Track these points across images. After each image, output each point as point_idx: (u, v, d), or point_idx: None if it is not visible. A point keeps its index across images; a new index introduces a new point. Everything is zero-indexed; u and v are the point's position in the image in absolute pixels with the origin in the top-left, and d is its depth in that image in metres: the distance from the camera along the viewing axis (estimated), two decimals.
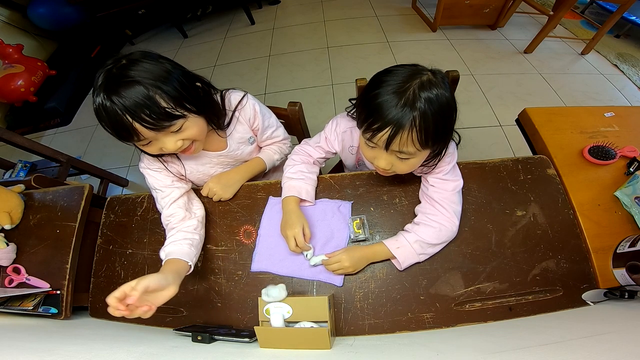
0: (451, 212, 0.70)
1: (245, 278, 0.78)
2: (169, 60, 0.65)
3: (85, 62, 2.83)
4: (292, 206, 0.78)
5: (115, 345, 0.64)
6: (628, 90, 2.09)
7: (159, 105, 0.60)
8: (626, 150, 0.82)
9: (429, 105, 0.55)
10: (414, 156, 0.62)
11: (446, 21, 2.53)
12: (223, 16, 3.18)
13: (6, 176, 1.70)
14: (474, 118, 1.98)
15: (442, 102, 0.56)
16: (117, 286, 0.52)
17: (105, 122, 0.60)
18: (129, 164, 2.10)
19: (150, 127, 0.61)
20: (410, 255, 0.70)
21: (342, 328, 0.71)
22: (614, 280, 0.69)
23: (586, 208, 0.76)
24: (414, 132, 0.56)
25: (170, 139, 0.66)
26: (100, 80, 0.58)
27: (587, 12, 2.74)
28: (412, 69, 0.59)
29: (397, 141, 0.58)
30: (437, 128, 0.57)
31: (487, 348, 0.56)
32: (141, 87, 0.58)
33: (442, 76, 0.59)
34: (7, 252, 0.84)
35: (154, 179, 0.78)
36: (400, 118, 0.55)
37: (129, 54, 0.61)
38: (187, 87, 0.66)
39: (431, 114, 0.55)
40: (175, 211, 0.77)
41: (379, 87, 0.58)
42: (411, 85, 0.56)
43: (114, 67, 0.58)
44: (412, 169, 0.68)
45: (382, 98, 0.57)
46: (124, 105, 0.57)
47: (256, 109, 0.85)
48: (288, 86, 2.37)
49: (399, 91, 0.56)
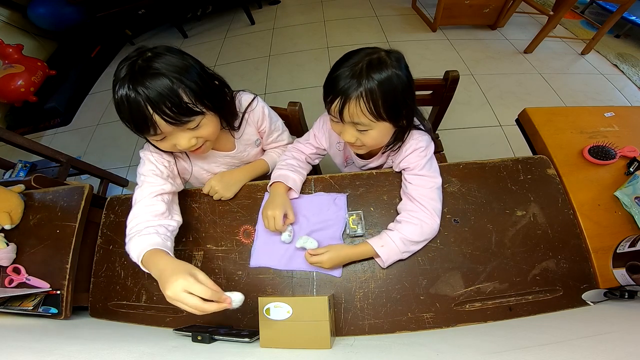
0: (430, 210, 0.71)
1: (245, 278, 0.78)
2: (191, 56, 0.66)
3: (85, 62, 2.83)
4: (279, 190, 0.80)
5: (115, 345, 0.64)
6: (628, 90, 2.09)
7: (182, 100, 0.60)
8: (626, 150, 0.82)
9: (376, 81, 0.60)
10: (372, 128, 0.66)
11: (446, 21, 2.53)
12: (223, 16, 3.18)
13: (6, 176, 1.70)
14: (474, 118, 1.98)
15: (391, 77, 0.61)
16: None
17: (125, 113, 0.59)
18: (129, 164, 2.10)
19: (169, 121, 0.60)
20: (394, 253, 0.70)
21: (342, 328, 0.71)
22: (614, 280, 0.69)
23: (586, 208, 0.76)
24: (361, 102, 0.61)
25: (185, 135, 0.66)
26: (125, 72, 0.58)
27: (587, 12, 2.74)
28: (371, 49, 0.65)
29: (347, 111, 0.63)
30: (386, 102, 0.62)
31: (487, 348, 0.56)
32: (166, 79, 0.58)
33: (396, 57, 0.64)
34: (7, 252, 0.84)
35: (153, 165, 0.75)
36: (347, 89, 0.61)
37: (153, 47, 0.61)
38: (207, 84, 0.66)
39: (377, 86, 0.60)
40: (156, 203, 0.71)
41: (340, 64, 0.65)
42: (362, 62, 0.62)
43: (139, 58, 0.58)
44: (376, 142, 0.71)
45: (337, 72, 0.63)
46: (147, 96, 0.57)
47: (265, 112, 0.86)
48: (288, 86, 2.37)
49: (351, 66, 0.62)
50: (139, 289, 0.81)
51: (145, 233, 0.64)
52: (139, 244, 0.62)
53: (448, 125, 1.90)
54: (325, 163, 1.40)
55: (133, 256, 0.63)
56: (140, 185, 0.73)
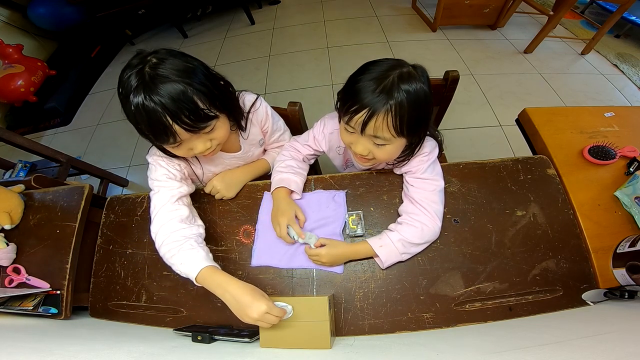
0: (432, 213, 0.71)
1: (246, 278, 0.78)
2: (193, 57, 0.64)
3: (85, 62, 2.83)
4: (282, 194, 0.79)
5: (115, 345, 0.64)
6: (628, 90, 2.09)
7: (198, 106, 0.60)
8: (626, 150, 0.82)
9: (405, 95, 0.59)
10: (390, 143, 0.64)
11: (446, 21, 2.53)
12: (223, 16, 3.18)
13: (6, 176, 1.70)
14: (474, 118, 1.98)
15: (419, 94, 0.60)
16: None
17: (143, 124, 0.59)
18: (129, 164, 2.10)
19: (188, 129, 0.60)
20: (393, 254, 0.70)
21: (342, 328, 0.71)
22: (614, 280, 0.69)
23: (586, 208, 0.76)
24: (389, 117, 0.59)
25: (202, 139, 0.66)
26: (136, 81, 0.56)
27: (587, 12, 2.74)
28: (396, 61, 0.63)
29: (372, 124, 0.61)
30: (411, 118, 0.60)
31: (487, 348, 0.56)
32: (180, 85, 0.57)
33: (422, 71, 0.63)
34: (7, 252, 0.84)
35: (165, 170, 0.73)
36: (377, 102, 0.59)
37: (154, 51, 0.60)
38: (215, 85, 0.65)
39: (407, 103, 0.59)
40: (180, 207, 0.71)
41: (363, 74, 0.62)
42: (391, 75, 0.59)
43: (145, 65, 0.57)
44: (389, 157, 0.70)
45: (362, 83, 0.61)
46: (164, 105, 0.56)
47: (268, 112, 0.85)
48: (288, 86, 2.37)
49: (379, 78, 0.60)
50: (139, 289, 0.81)
51: (188, 248, 0.65)
52: (187, 260, 0.64)
53: (448, 125, 1.90)
54: (325, 163, 1.40)
55: (181, 270, 0.64)
56: (156, 191, 0.72)
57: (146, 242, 0.85)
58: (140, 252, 0.85)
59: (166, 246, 0.67)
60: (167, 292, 0.80)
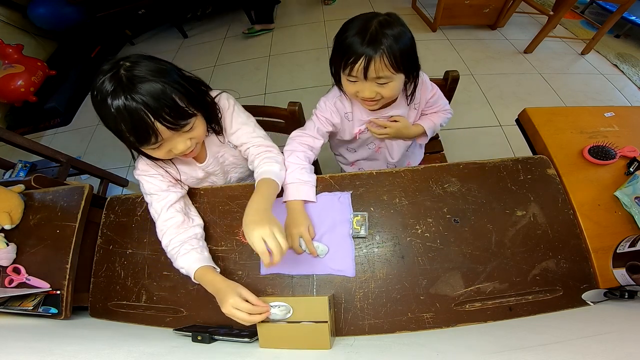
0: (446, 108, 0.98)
1: (246, 278, 0.78)
2: (165, 60, 0.66)
3: (85, 62, 2.83)
4: (298, 206, 0.78)
5: (115, 345, 0.64)
6: (628, 90, 2.09)
7: (178, 104, 0.61)
8: (626, 150, 0.82)
9: (392, 37, 0.68)
10: (392, 80, 0.73)
11: (446, 21, 2.53)
12: (223, 16, 3.18)
13: (6, 176, 1.70)
14: (474, 118, 1.98)
15: (402, 33, 0.71)
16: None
17: (126, 124, 0.59)
18: (128, 164, 2.10)
19: (169, 127, 0.61)
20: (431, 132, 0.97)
21: (342, 328, 0.71)
22: (614, 280, 0.69)
23: (586, 208, 0.76)
24: (384, 58, 0.68)
25: (182, 138, 0.67)
26: (112, 85, 0.56)
27: (587, 12, 2.74)
28: (370, 13, 0.73)
29: (373, 68, 0.69)
30: (403, 53, 0.70)
31: (487, 348, 0.56)
32: (157, 84, 0.58)
33: (395, 16, 0.73)
34: (7, 252, 0.84)
35: (150, 184, 0.77)
36: (370, 48, 0.68)
37: (125, 57, 0.61)
38: (191, 85, 0.67)
39: (395, 42, 0.68)
40: (173, 215, 0.75)
41: (346, 31, 0.72)
42: (372, 24, 0.69)
43: (119, 69, 0.57)
44: (393, 93, 0.78)
45: (350, 39, 0.70)
46: (145, 103, 0.57)
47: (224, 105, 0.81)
48: (288, 86, 2.37)
49: (363, 29, 0.69)
50: (139, 289, 0.81)
51: (184, 252, 0.71)
52: (184, 263, 0.71)
53: (448, 125, 1.87)
54: (325, 163, 1.40)
55: (184, 272, 0.72)
56: (150, 202, 0.78)
57: (146, 242, 0.85)
58: (140, 252, 0.85)
59: (169, 253, 0.74)
60: (167, 292, 0.80)
